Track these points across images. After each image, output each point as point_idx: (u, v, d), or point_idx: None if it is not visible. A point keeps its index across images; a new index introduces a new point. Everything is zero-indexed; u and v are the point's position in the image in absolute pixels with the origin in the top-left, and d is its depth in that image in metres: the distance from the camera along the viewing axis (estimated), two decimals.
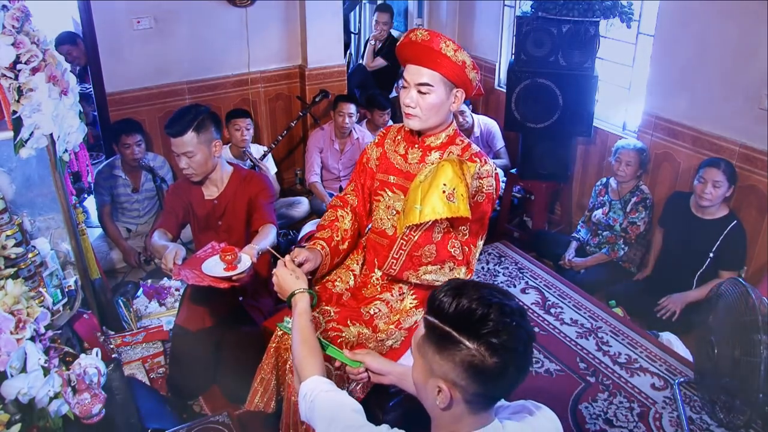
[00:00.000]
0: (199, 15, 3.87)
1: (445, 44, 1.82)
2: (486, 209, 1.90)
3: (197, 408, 2.60)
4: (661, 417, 2.55)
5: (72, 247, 2.35)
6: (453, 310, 1.12)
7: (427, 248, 1.79)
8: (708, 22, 3.14)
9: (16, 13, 1.97)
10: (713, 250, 3.04)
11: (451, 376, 1.12)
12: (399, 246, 1.81)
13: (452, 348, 1.11)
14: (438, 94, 1.86)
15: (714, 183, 2.97)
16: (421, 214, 1.67)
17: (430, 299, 1.17)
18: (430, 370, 1.15)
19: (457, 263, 1.84)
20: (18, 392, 1.66)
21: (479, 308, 1.11)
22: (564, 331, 3.06)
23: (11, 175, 2.13)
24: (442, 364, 1.13)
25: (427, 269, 1.83)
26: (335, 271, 2.23)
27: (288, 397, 1.98)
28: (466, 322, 1.11)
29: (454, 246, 1.82)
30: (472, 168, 1.73)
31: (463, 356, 1.10)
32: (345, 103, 3.98)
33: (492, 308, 1.11)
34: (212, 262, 2.06)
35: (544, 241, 3.84)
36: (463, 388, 1.12)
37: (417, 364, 1.20)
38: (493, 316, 1.10)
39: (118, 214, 3.66)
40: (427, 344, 1.15)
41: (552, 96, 3.54)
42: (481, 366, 1.09)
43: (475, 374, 1.10)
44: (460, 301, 1.12)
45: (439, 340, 1.13)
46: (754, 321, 2.25)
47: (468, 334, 1.10)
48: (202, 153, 2.40)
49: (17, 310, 1.74)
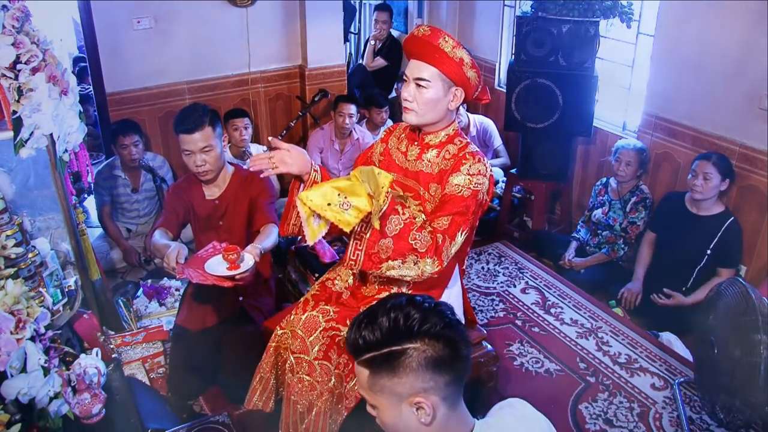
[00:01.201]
0: (199, 15, 3.87)
1: (443, 40, 1.82)
2: (470, 203, 1.83)
3: (197, 408, 2.60)
4: (661, 417, 2.55)
5: (72, 247, 2.35)
6: (380, 332, 1.12)
7: (381, 243, 1.72)
8: (708, 22, 3.14)
9: (16, 13, 1.97)
10: (711, 247, 3.04)
11: (418, 386, 1.11)
12: (354, 246, 1.76)
13: (403, 359, 1.10)
14: (435, 90, 1.86)
15: (705, 175, 2.98)
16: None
17: (350, 346, 1.16)
18: (397, 399, 1.13)
19: (420, 255, 1.73)
20: (18, 392, 1.66)
21: (398, 314, 1.11)
22: (564, 331, 3.06)
23: (11, 175, 2.13)
24: (404, 381, 1.11)
25: (390, 265, 1.75)
26: (335, 269, 2.23)
27: (288, 397, 1.98)
28: (397, 331, 1.11)
29: (416, 238, 1.73)
30: (386, 180, 1.66)
31: (417, 359, 1.10)
32: (345, 103, 3.97)
33: (407, 307, 1.12)
34: (215, 262, 2.06)
35: (544, 241, 3.84)
36: (434, 389, 1.12)
37: (381, 406, 1.16)
38: (413, 311, 1.11)
39: (118, 214, 3.66)
40: (378, 377, 1.13)
41: (552, 96, 3.54)
42: (436, 356, 1.10)
43: (436, 367, 1.10)
44: (378, 322, 1.12)
45: (387, 363, 1.11)
46: (754, 321, 2.24)
47: (407, 338, 1.10)
48: (218, 147, 2.40)
49: (17, 310, 1.74)
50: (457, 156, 1.89)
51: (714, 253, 3.04)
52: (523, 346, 2.96)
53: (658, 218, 3.31)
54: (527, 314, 3.19)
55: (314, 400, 1.92)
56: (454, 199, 1.83)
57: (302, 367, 1.93)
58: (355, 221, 1.61)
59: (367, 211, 1.62)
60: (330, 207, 1.61)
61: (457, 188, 1.84)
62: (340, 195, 1.62)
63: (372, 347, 1.12)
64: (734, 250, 3.06)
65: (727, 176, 3.01)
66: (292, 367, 1.96)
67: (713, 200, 3.06)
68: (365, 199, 1.62)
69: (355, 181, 1.64)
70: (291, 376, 1.96)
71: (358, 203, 1.61)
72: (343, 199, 1.61)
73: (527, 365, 2.83)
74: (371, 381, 1.14)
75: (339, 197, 1.61)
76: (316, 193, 1.63)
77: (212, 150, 2.38)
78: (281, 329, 2.05)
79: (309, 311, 2.00)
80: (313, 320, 1.97)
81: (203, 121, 2.34)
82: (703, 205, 3.07)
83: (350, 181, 1.65)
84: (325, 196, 1.62)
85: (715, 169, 2.98)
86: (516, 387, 2.69)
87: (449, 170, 1.88)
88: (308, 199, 1.62)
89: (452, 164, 1.88)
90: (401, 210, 1.73)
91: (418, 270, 1.75)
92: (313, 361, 1.91)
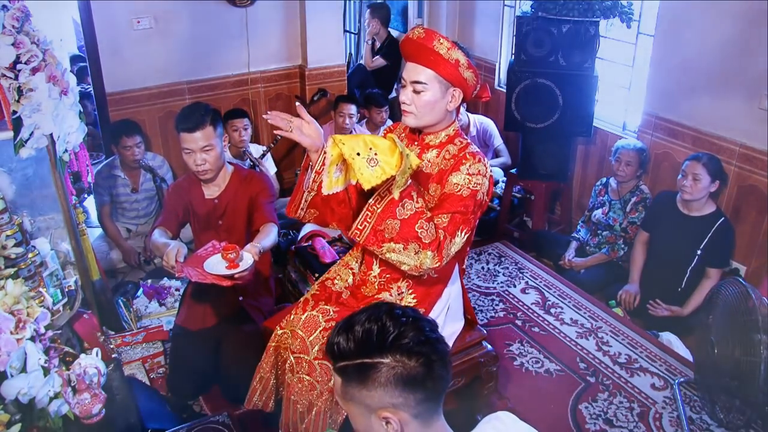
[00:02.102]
0: (199, 15, 3.87)
1: (438, 42, 1.81)
2: (468, 203, 1.83)
3: (197, 408, 2.60)
4: (661, 417, 2.55)
5: (72, 247, 2.35)
6: (353, 343, 1.10)
7: (389, 222, 1.71)
8: (708, 22, 3.14)
9: (16, 13, 1.97)
10: (701, 248, 3.04)
11: (387, 401, 1.08)
12: (364, 217, 1.75)
13: (373, 373, 1.08)
14: (432, 92, 1.85)
15: (694, 176, 2.97)
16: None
17: (327, 350, 1.15)
18: (366, 410, 1.11)
19: (422, 246, 1.72)
20: (18, 392, 1.66)
21: (373, 325, 1.09)
22: (564, 331, 3.06)
23: (11, 175, 2.13)
24: (372, 394, 1.09)
25: (391, 246, 1.73)
26: (334, 269, 2.23)
27: (287, 397, 1.98)
28: (369, 344, 1.08)
29: (423, 227, 1.72)
30: (415, 161, 1.65)
31: (387, 374, 1.07)
32: (346, 103, 3.97)
33: (384, 319, 1.09)
34: (214, 261, 2.05)
35: (544, 241, 3.84)
36: (404, 405, 1.09)
37: (352, 414, 1.15)
38: (389, 324, 1.08)
39: (117, 214, 3.66)
40: (349, 387, 1.11)
41: (552, 96, 3.54)
42: (407, 374, 1.07)
43: (407, 384, 1.07)
44: (353, 331, 1.10)
45: (357, 374, 1.09)
46: (754, 321, 2.24)
47: (379, 352, 1.08)
48: (218, 147, 2.40)
49: (17, 310, 1.74)
50: (457, 156, 1.89)
51: (704, 253, 3.04)
52: (523, 346, 2.96)
53: (651, 218, 3.31)
54: (527, 314, 3.19)
55: (314, 400, 1.92)
56: (452, 197, 1.83)
57: (302, 366, 1.93)
58: (376, 181, 1.58)
59: (391, 175, 1.59)
60: (359, 157, 1.58)
61: (456, 187, 1.84)
62: (372, 149, 1.59)
63: (345, 356, 1.11)
64: (724, 251, 3.05)
65: (717, 177, 2.99)
66: (292, 367, 1.96)
67: (704, 201, 3.05)
68: (395, 161, 1.59)
69: (391, 142, 1.62)
70: (291, 375, 1.96)
71: (386, 164, 1.59)
72: (373, 155, 1.59)
73: (527, 365, 2.83)
74: (343, 389, 1.13)
75: (370, 151, 1.59)
76: (350, 139, 1.61)
77: (213, 149, 2.38)
78: (281, 329, 2.05)
79: (309, 311, 2.00)
80: (313, 320, 1.97)
81: (205, 120, 2.34)
82: (694, 205, 3.06)
83: (387, 141, 1.63)
84: (357, 144, 1.60)
85: (704, 170, 2.96)
86: (516, 387, 2.69)
87: (449, 170, 1.88)
88: (341, 142, 1.60)
89: (452, 164, 1.88)
90: (415, 197, 1.73)
91: (417, 260, 1.73)
92: (313, 361, 1.92)
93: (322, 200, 1.90)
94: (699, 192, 2.99)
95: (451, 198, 1.83)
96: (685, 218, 3.10)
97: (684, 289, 3.12)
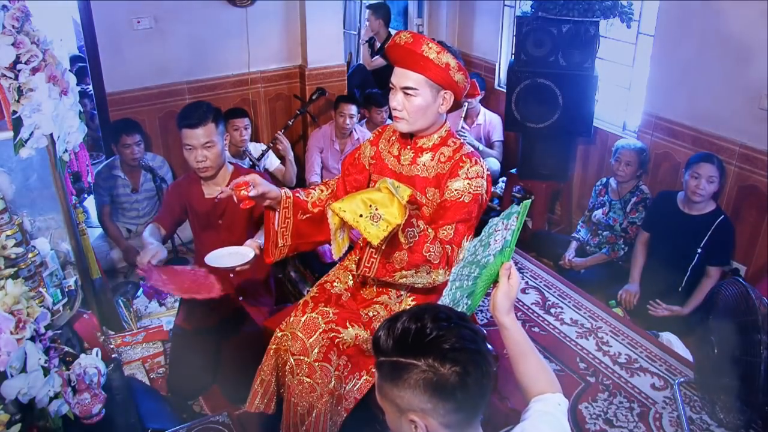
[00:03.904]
0: (199, 15, 3.87)
1: (427, 46, 1.79)
2: (471, 209, 1.84)
3: (197, 408, 2.60)
4: (661, 417, 2.55)
5: (72, 247, 2.35)
6: (391, 339, 1.09)
7: (396, 254, 1.72)
8: (708, 22, 3.14)
9: (16, 13, 1.97)
10: (701, 246, 3.04)
11: (416, 405, 1.06)
12: (369, 254, 1.75)
13: (404, 374, 1.06)
14: (424, 96, 1.84)
15: (709, 179, 2.98)
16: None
17: (373, 341, 1.14)
18: (397, 409, 1.10)
19: (433, 266, 1.76)
20: (18, 392, 1.66)
21: (413, 325, 1.07)
22: (564, 331, 3.06)
23: (11, 175, 2.13)
24: (403, 395, 1.07)
25: (402, 274, 1.76)
26: (333, 271, 2.23)
27: (288, 399, 1.98)
28: (405, 343, 1.07)
29: (429, 251, 1.74)
30: (405, 193, 1.63)
31: (417, 377, 1.05)
32: (346, 103, 3.98)
33: (425, 319, 1.07)
34: (217, 255, 2.09)
35: (544, 241, 3.84)
36: (433, 412, 1.06)
37: (386, 410, 1.14)
38: (430, 326, 1.06)
39: (118, 214, 3.66)
40: (384, 383, 1.10)
41: (552, 96, 3.54)
42: (438, 380, 1.04)
43: (437, 391, 1.04)
44: (395, 327, 1.09)
45: (391, 372, 1.08)
46: (754, 321, 2.24)
47: (414, 354, 1.06)
48: (220, 145, 2.41)
49: (17, 310, 1.74)
50: (453, 159, 1.89)
51: (705, 251, 3.04)
52: None
53: (651, 218, 3.31)
54: (527, 314, 3.19)
55: (314, 402, 1.91)
56: (455, 205, 1.83)
57: (302, 368, 1.93)
58: (384, 234, 1.57)
59: (396, 224, 1.57)
60: (362, 218, 1.57)
61: (458, 194, 1.83)
62: (372, 206, 1.58)
63: (383, 351, 1.10)
64: (725, 248, 3.06)
65: (723, 177, 3.02)
66: (292, 369, 1.96)
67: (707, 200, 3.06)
68: (396, 210, 1.58)
69: (386, 192, 1.60)
70: (291, 377, 1.96)
71: (388, 215, 1.57)
72: (374, 210, 1.57)
73: None
74: (379, 384, 1.13)
75: (371, 208, 1.57)
76: (349, 204, 1.59)
77: (214, 146, 2.38)
78: (281, 331, 2.04)
79: (308, 313, 2.00)
80: (312, 322, 1.97)
81: (207, 117, 2.35)
82: (697, 205, 3.07)
83: (381, 192, 1.61)
84: (357, 207, 1.58)
85: (718, 173, 2.98)
86: (516, 387, 2.67)
87: (447, 174, 1.87)
88: (341, 210, 1.58)
89: (449, 168, 1.88)
90: (416, 222, 1.73)
91: (431, 278, 1.79)
92: (313, 363, 1.91)
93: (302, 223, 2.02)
94: (710, 194, 3.00)
95: (454, 206, 1.83)
96: (685, 217, 3.11)
97: (684, 289, 3.12)
